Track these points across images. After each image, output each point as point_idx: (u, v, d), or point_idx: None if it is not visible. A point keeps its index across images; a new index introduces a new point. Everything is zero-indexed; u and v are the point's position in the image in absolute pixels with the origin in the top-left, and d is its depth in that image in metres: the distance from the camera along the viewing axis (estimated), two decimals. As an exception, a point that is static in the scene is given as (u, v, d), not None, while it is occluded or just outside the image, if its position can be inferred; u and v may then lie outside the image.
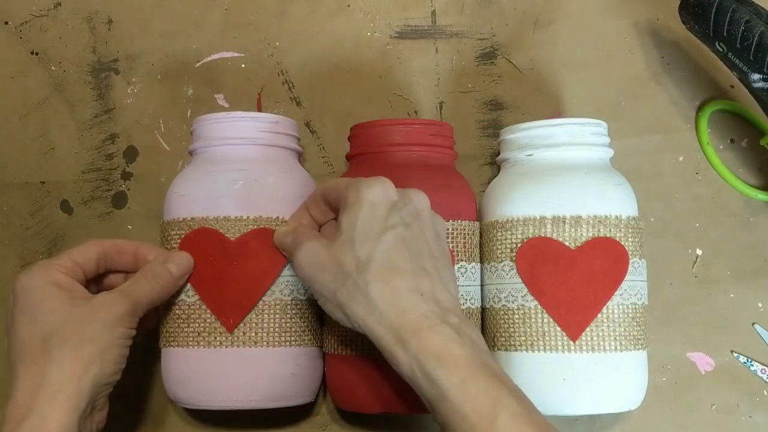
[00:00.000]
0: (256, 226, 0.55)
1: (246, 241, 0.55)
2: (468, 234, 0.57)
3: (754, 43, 0.56)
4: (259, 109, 0.67)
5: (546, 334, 0.55)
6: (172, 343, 0.56)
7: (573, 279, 0.55)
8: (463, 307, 0.56)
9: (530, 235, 0.55)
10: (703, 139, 0.65)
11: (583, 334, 0.54)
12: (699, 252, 0.65)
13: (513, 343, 0.56)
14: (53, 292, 0.50)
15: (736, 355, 0.63)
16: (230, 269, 0.55)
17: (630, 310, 0.55)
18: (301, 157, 0.62)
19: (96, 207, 0.67)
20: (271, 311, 0.55)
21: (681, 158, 0.66)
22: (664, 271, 0.64)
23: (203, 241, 0.56)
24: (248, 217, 0.55)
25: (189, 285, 0.56)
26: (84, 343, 0.49)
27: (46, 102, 0.68)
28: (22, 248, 0.67)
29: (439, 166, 0.58)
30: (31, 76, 0.69)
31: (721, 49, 0.59)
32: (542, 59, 0.67)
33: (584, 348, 0.54)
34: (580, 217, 0.55)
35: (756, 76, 0.57)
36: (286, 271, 0.56)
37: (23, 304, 0.50)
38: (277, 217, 0.56)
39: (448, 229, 0.56)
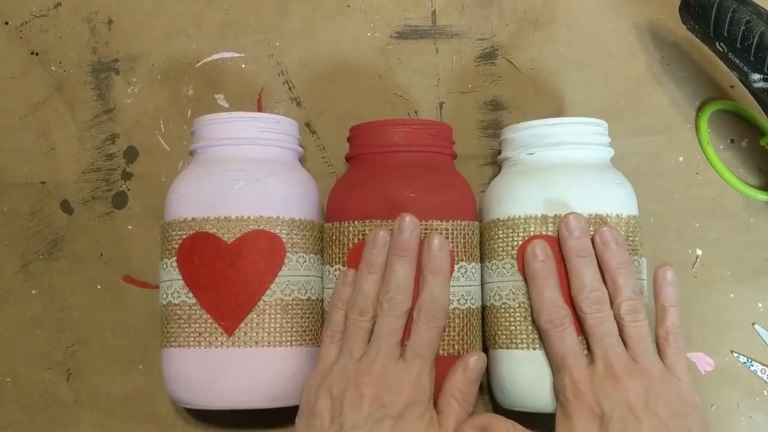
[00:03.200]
0: (257, 227, 0.55)
1: (244, 242, 0.55)
2: (468, 234, 0.57)
3: (754, 43, 0.56)
4: (260, 110, 0.67)
5: (547, 333, 0.55)
6: (173, 344, 0.56)
7: (574, 278, 0.55)
8: (463, 308, 0.56)
9: (531, 233, 0.55)
10: (703, 139, 0.65)
11: (584, 333, 0.54)
12: (699, 252, 0.65)
13: (514, 341, 0.56)
14: None
15: (736, 355, 0.63)
16: (227, 272, 0.55)
17: (630, 310, 0.55)
18: (301, 157, 0.62)
19: (96, 207, 0.67)
20: (272, 311, 0.55)
21: (681, 158, 0.66)
22: (665, 271, 0.64)
23: (200, 245, 0.55)
24: (249, 217, 0.55)
25: (188, 288, 0.56)
26: None
27: (47, 102, 0.68)
28: (22, 248, 0.67)
29: (439, 167, 0.58)
30: (31, 76, 0.69)
31: (721, 49, 0.59)
32: (542, 59, 0.67)
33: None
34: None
35: (756, 76, 0.57)
36: (287, 271, 0.56)
37: None
38: (278, 217, 0.56)
39: (448, 230, 0.56)
